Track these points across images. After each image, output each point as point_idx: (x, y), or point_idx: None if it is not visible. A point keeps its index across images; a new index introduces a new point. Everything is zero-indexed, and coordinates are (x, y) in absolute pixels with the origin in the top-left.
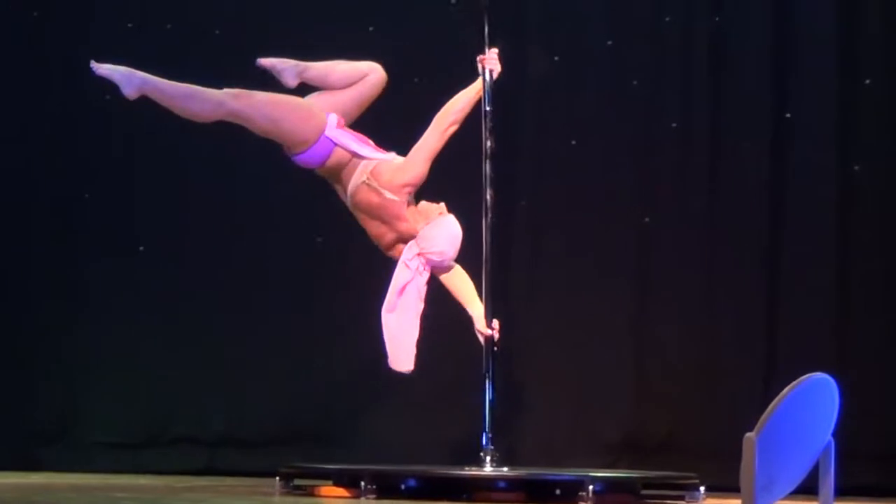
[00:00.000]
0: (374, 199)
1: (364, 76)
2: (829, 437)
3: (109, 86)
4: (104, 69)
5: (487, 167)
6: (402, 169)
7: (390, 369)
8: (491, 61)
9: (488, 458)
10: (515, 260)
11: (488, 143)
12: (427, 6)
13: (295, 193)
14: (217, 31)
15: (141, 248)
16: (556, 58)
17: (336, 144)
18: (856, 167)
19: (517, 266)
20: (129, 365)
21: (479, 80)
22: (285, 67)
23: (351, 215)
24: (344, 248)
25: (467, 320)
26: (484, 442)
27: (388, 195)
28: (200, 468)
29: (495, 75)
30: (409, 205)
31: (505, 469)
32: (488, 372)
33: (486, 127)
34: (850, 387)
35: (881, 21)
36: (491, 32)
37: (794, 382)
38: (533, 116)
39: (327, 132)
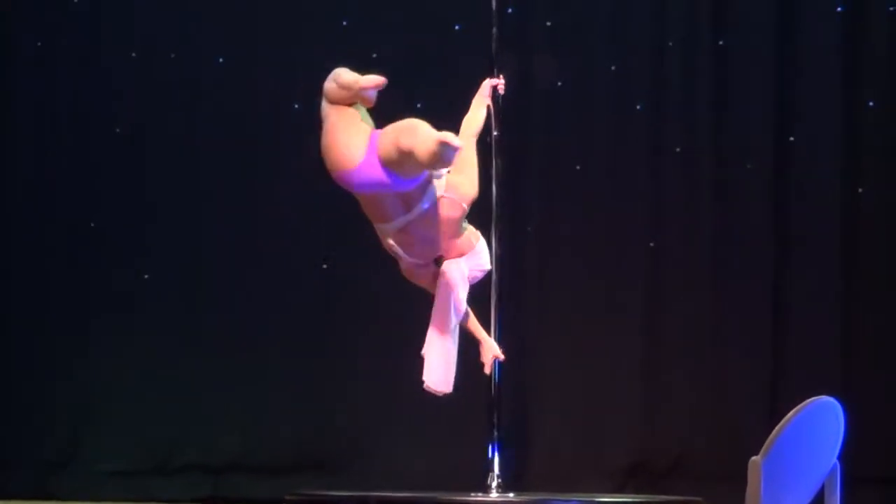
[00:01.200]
0: (456, 213)
1: None
2: (834, 461)
3: (119, 117)
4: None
5: (495, 192)
6: (470, 184)
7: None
8: (501, 87)
9: (494, 484)
10: (523, 285)
11: (496, 167)
12: (428, 31)
13: (301, 220)
14: (221, 59)
15: (146, 277)
16: (559, 83)
17: None
18: (860, 189)
19: (525, 291)
20: (136, 392)
21: (478, 98)
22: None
23: (362, 239)
24: (350, 277)
25: (469, 345)
26: (491, 468)
27: (466, 207)
28: (208, 495)
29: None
30: None
31: (511, 495)
32: (496, 398)
33: (494, 152)
34: (856, 410)
35: (885, 43)
36: (498, 57)
37: (799, 405)
38: (538, 141)
39: None
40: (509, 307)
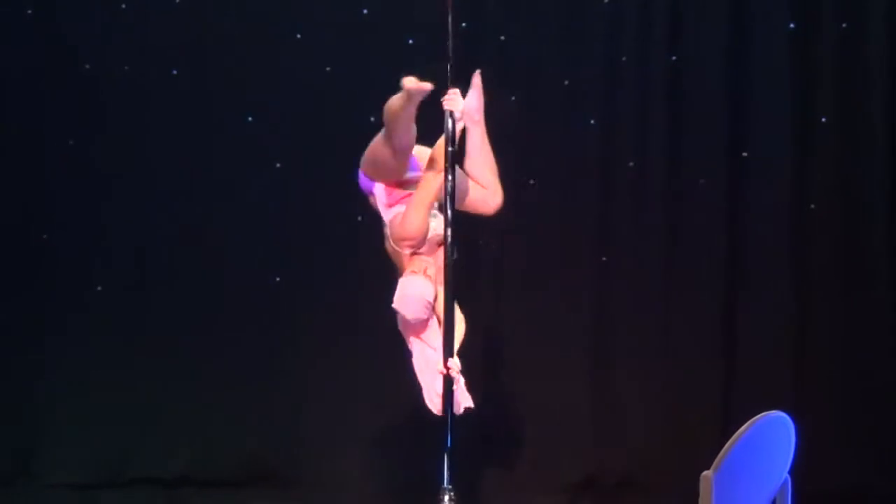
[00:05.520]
0: (389, 248)
1: None
2: (785, 475)
3: (71, 129)
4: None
5: (449, 207)
6: (402, 225)
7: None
8: (451, 101)
9: (447, 498)
10: (476, 300)
11: (450, 185)
12: (382, 46)
13: (252, 235)
14: (175, 71)
15: (98, 289)
16: (513, 98)
17: None
18: (812, 206)
19: (476, 306)
20: (87, 405)
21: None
22: None
23: (313, 256)
24: (304, 289)
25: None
26: (444, 483)
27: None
28: None
29: (457, 115)
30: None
31: None
32: (448, 414)
33: (447, 168)
34: (807, 424)
35: (837, 60)
36: (452, 73)
37: (750, 420)
38: None
39: None
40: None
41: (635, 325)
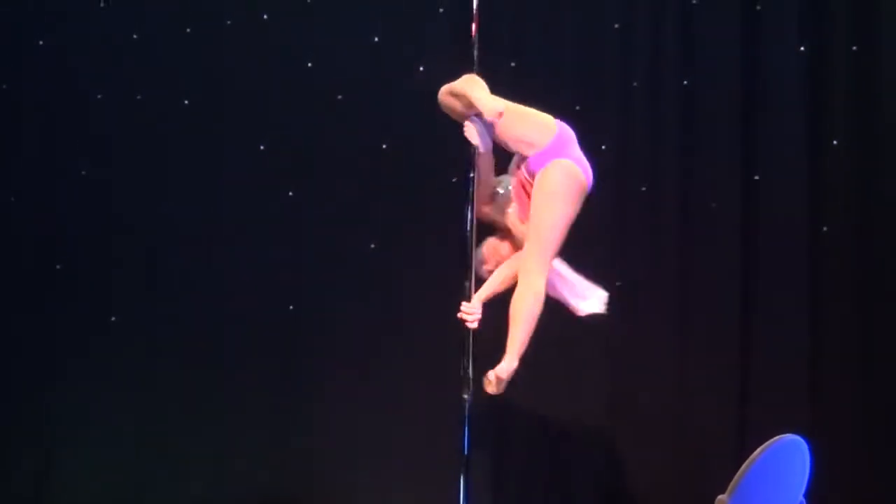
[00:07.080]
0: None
1: None
2: (800, 499)
3: (84, 159)
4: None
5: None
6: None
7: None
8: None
9: None
10: (494, 322)
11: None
12: (397, 74)
13: (266, 264)
14: (186, 101)
15: (113, 319)
16: None
17: None
18: (825, 228)
19: (495, 329)
20: (104, 434)
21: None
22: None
23: (326, 283)
24: (319, 317)
25: (439, 388)
26: None
27: None
28: None
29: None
30: None
31: None
32: (465, 437)
33: (472, 194)
34: (822, 448)
35: (848, 82)
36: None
37: (766, 443)
38: None
39: None
40: (480, 344)
41: (650, 348)
